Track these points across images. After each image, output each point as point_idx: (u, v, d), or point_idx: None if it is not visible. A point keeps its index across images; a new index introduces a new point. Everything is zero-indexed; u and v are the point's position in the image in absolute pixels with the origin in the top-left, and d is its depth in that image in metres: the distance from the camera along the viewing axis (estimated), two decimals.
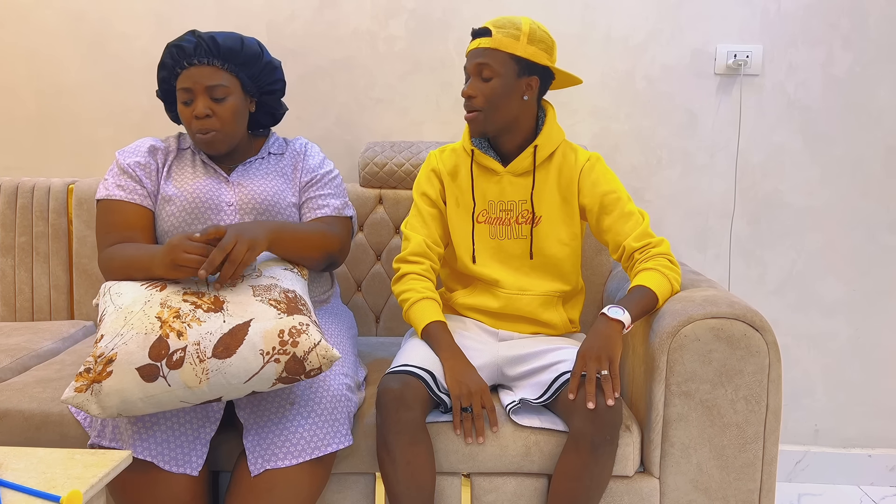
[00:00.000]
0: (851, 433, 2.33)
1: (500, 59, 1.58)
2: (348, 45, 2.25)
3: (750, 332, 1.48)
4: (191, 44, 1.59)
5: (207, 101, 1.60)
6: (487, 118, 1.61)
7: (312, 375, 1.37)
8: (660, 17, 2.21)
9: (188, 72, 1.60)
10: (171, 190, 1.62)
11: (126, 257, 1.50)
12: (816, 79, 2.21)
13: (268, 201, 1.63)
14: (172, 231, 1.60)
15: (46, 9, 2.27)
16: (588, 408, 1.41)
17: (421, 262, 1.68)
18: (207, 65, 1.60)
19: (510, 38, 1.57)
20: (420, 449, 1.46)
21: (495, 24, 1.60)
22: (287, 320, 1.36)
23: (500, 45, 1.57)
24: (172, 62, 1.61)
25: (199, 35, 1.60)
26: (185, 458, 1.38)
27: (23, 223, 2.14)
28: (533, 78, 1.61)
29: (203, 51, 1.59)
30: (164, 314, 1.33)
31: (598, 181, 1.66)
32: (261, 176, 1.68)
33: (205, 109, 1.59)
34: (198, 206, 1.60)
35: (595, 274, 2.08)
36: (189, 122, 1.62)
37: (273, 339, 1.34)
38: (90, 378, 1.29)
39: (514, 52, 1.57)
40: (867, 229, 2.26)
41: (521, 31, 1.58)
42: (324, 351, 1.36)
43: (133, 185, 1.62)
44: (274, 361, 1.33)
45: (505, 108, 1.61)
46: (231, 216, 1.61)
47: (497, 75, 1.58)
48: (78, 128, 2.32)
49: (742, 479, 1.52)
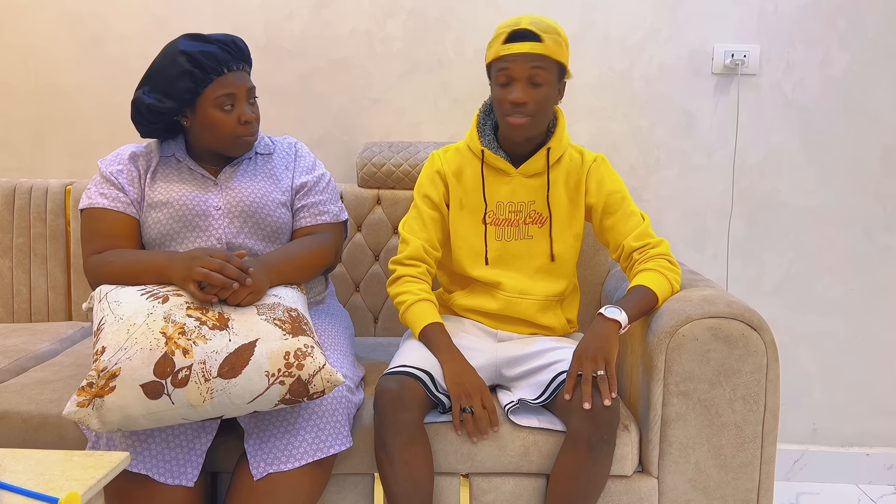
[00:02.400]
0: (849, 432, 2.34)
1: (551, 65, 1.57)
2: (346, 45, 2.25)
3: (748, 332, 1.48)
4: (218, 49, 1.56)
5: (248, 104, 1.60)
6: (536, 124, 1.60)
7: (315, 398, 1.37)
8: (657, 16, 2.21)
9: (226, 78, 1.56)
10: (157, 196, 1.60)
11: (132, 261, 1.49)
12: (814, 78, 2.21)
13: (256, 204, 1.61)
14: (160, 238, 1.59)
15: (44, 10, 2.27)
16: (584, 408, 1.41)
17: (417, 266, 1.68)
18: (241, 70, 1.59)
19: (557, 45, 1.57)
20: (418, 449, 1.46)
21: (539, 28, 1.56)
22: (292, 342, 1.36)
23: (551, 53, 1.56)
24: (206, 70, 1.54)
25: (213, 39, 1.57)
26: (180, 470, 1.37)
27: (20, 224, 2.14)
28: (563, 82, 1.63)
29: (234, 55, 1.58)
30: (169, 329, 1.31)
31: (603, 181, 1.67)
32: (248, 178, 1.66)
33: (251, 113, 1.60)
34: (186, 213, 1.58)
35: (593, 273, 2.08)
36: (233, 128, 1.58)
37: (279, 361, 1.33)
38: (92, 393, 1.27)
39: (560, 58, 1.58)
40: (865, 229, 2.26)
41: (562, 37, 1.58)
42: (328, 374, 1.36)
43: (116, 194, 1.60)
44: (279, 383, 1.33)
45: (549, 113, 1.62)
46: (219, 220, 1.59)
47: (548, 82, 1.57)
48: (75, 129, 2.32)
49: (740, 478, 1.52)
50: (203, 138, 1.61)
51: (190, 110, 1.59)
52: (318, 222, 1.68)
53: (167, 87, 1.56)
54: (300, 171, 1.72)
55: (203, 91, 1.56)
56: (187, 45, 1.55)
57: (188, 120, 1.61)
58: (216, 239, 1.59)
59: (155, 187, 1.62)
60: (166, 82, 1.56)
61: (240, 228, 1.60)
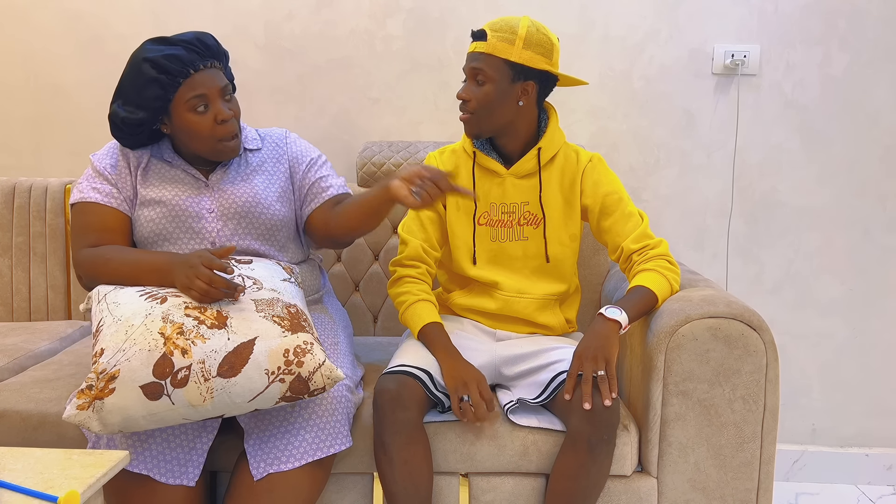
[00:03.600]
0: (849, 432, 2.34)
1: (493, 64, 1.56)
2: (346, 44, 2.25)
3: (747, 332, 1.48)
4: (182, 50, 1.51)
5: (223, 102, 1.55)
6: (480, 121, 1.60)
7: (315, 395, 1.37)
8: (657, 16, 2.21)
9: (194, 79, 1.51)
10: (150, 194, 1.57)
11: (132, 261, 1.46)
12: (814, 79, 2.21)
13: (249, 204, 1.59)
14: (153, 237, 1.57)
15: (44, 9, 2.26)
16: (584, 408, 1.41)
17: (417, 266, 1.68)
18: (210, 67, 1.54)
19: (505, 43, 1.55)
20: (417, 449, 1.46)
21: (492, 27, 1.58)
22: (291, 339, 1.35)
23: (493, 51, 1.56)
24: (172, 74, 1.49)
25: (176, 41, 1.53)
26: (181, 470, 1.37)
27: (20, 223, 2.14)
28: (529, 83, 1.59)
29: (201, 54, 1.53)
30: (168, 330, 1.31)
31: (599, 181, 1.66)
32: (240, 177, 1.63)
33: (227, 111, 1.54)
34: (179, 214, 1.56)
35: (593, 274, 2.08)
36: (210, 130, 1.53)
37: (278, 359, 1.33)
38: (92, 395, 1.27)
39: (507, 57, 1.55)
40: (864, 229, 2.26)
41: (517, 36, 1.55)
42: (328, 371, 1.35)
43: (108, 188, 1.58)
44: (279, 381, 1.33)
45: (499, 113, 1.59)
46: (213, 223, 1.58)
47: (490, 80, 1.57)
48: (75, 128, 2.32)
49: (740, 478, 1.52)
50: (186, 143, 1.57)
51: (166, 117, 1.55)
52: (323, 199, 1.67)
53: (137, 99, 1.51)
54: (295, 156, 1.69)
55: (173, 96, 1.51)
56: (150, 52, 1.50)
57: (167, 127, 1.57)
58: (210, 242, 1.58)
59: (148, 184, 1.59)
60: (135, 93, 1.51)
61: (234, 230, 1.59)
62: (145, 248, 1.59)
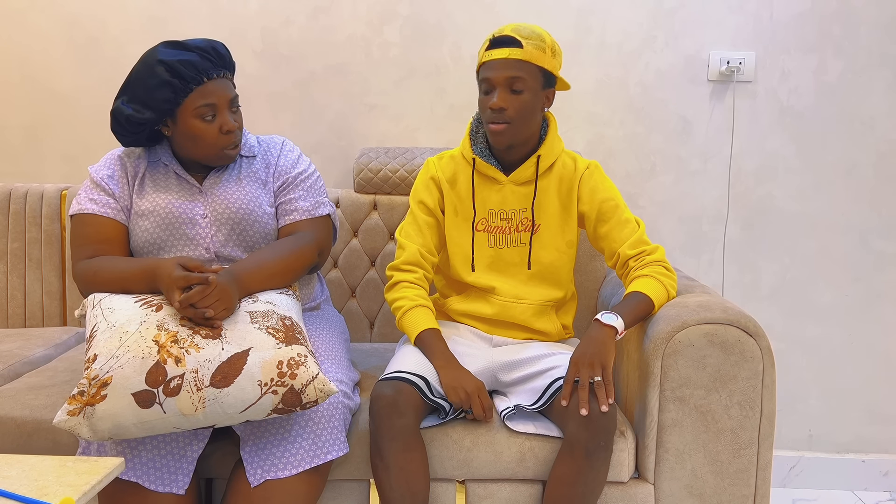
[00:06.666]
0: (845, 438, 2.34)
1: (531, 71, 1.56)
2: (343, 50, 2.26)
3: (744, 338, 1.48)
4: (197, 57, 1.52)
5: (230, 113, 1.56)
6: (516, 131, 1.59)
7: (308, 408, 1.36)
8: (653, 23, 2.22)
9: (207, 87, 1.52)
10: (144, 205, 1.58)
11: (120, 270, 1.47)
12: (809, 85, 2.22)
13: (242, 211, 1.59)
14: (147, 246, 1.57)
15: (40, 13, 2.26)
16: (581, 414, 1.41)
17: (414, 271, 1.67)
18: (222, 77, 1.56)
19: (539, 51, 1.56)
20: (414, 455, 1.45)
21: (520, 34, 1.56)
22: (285, 351, 1.35)
23: (531, 58, 1.55)
24: (186, 79, 1.50)
25: (192, 46, 1.54)
26: (171, 478, 1.36)
27: (15, 229, 2.13)
28: (551, 90, 1.62)
29: (215, 63, 1.54)
30: (162, 338, 1.31)
31: (596, 188, 1.67)
32: (233, 183, 1.62)
33: (233, 122, 1.56)
34: (172, 222, 1.56)
35: (589, 280, 2.08)
36: (214, 139, 1.55)
37: (271, 371, 1.33)
38: (83, 401, 1.26)
39: (542, 64, 1.57)
40: (860, 235, 2.27)
41: (546, 44, 1.57)
42: (321, 384, 1.35)
43: (106, 199, 1.59)
44: (271, 393, 1.32)
45: (532, 121, 1.60)
46: (206, 229, 1.58)
47: (528, 88, 1.56)
48: (71, 133, 2.31)
49: (736, 484, 1.52)
50: (185, 148, 1.58)
51: (170, 120, 1.55)
52: (286, 222, 1.64)
53: (146, 98, 1.51)
54: (279, 172, 1.68)
55: (183, 101, 1.52)
56: (165, 54, 1.51)
57: (169, 129, 1.57)
58: (204, 248, 1.58)
59: (143, 195, 1.60)
60: (145, 93, 1.51)
61: (227, 237, 1.59)
62: (140, 256, 1.59)
